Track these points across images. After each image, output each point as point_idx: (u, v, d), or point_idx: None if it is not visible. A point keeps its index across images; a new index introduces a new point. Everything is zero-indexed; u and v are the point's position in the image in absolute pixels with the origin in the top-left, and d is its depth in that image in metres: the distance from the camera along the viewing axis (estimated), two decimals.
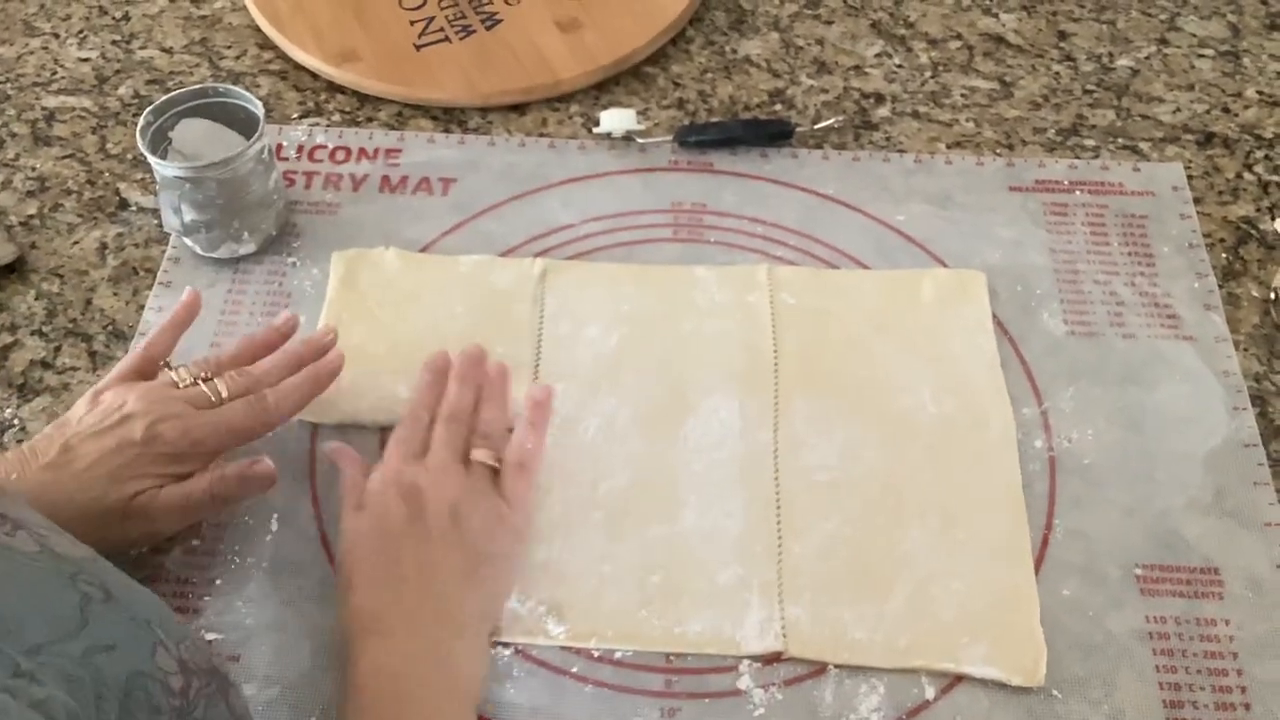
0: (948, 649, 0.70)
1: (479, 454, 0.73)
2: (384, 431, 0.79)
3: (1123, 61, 1.02)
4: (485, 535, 0.70)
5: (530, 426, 0.76)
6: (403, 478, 0.70)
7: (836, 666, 0.70)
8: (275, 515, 0.75)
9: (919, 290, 0.86)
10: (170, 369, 0.74)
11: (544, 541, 0.74)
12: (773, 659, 0.70)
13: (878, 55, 1.03)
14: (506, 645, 0.70)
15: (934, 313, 0.85)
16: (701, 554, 0.74)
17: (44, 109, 0.98)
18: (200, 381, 0.73)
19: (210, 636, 0.70)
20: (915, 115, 0.98)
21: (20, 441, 0.76)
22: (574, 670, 0.70)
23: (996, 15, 1.06)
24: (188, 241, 0.87)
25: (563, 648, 0.70)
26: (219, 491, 0.71)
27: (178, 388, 0.72)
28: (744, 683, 0.69)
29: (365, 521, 0.69)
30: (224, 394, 0.72)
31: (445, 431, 0.73)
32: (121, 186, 0.93)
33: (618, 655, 0.70)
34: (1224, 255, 0.89)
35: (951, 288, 0.86)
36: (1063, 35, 1.04)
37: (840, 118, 0.96)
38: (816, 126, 0.96)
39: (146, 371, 0.74)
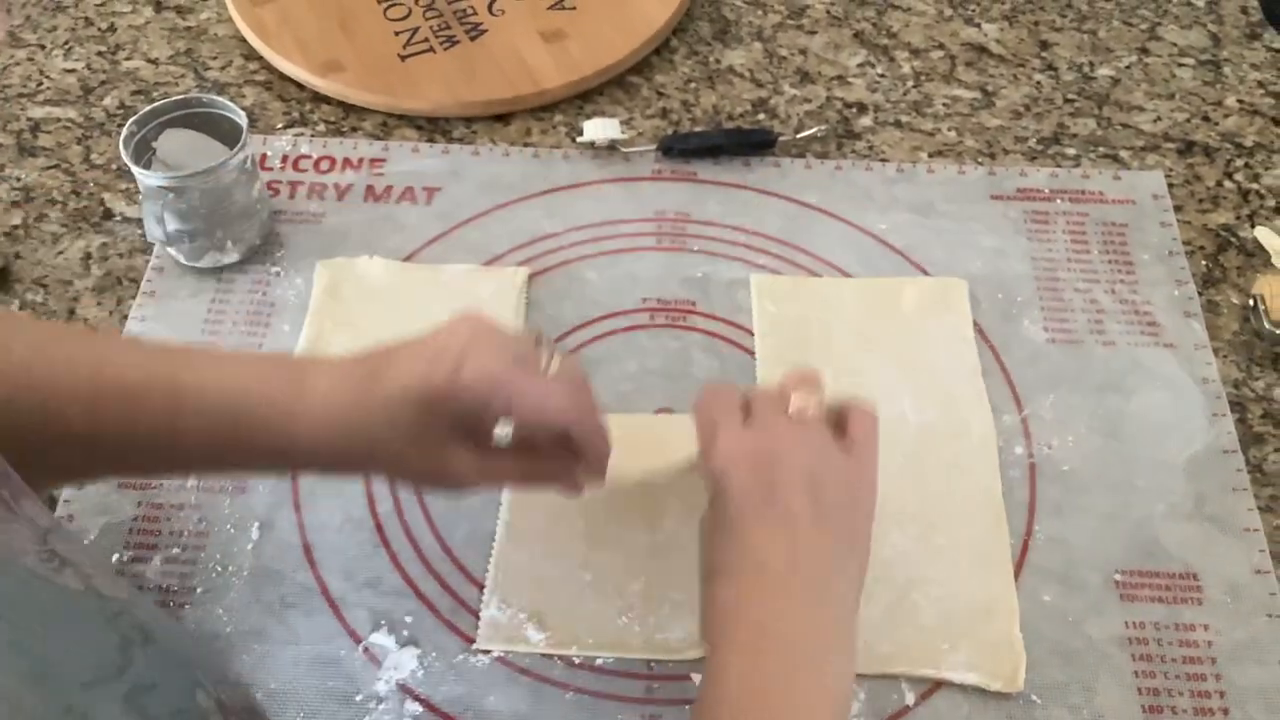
0: (928, 655, 0.70)
1: (802, 401, 0.63)
2: None
3: (1104, 71, 1.03)
4: (847, 497, 0.62)
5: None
6: (740, 448, 0.61)
7: None
8: (257, 523, 0.75)
9: (900, 298, 0.86)
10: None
11: (525, 548, 0.74)
12: None
13: (860, 65, 1.03)
14: (486, 652, 0.70)
15: (915, 321, 0.85)
16: (682, 561, 0.73)
17: (29, 119, 0.99)
18: (540, 341, 0.65)
19: None
20: (898, 124, 0.98)
21: None
22: (554, 677, 0.70)
23: (979, 25, 1.07)
24: (171, 251, 0.87)
25: (543, 655, 0.70)
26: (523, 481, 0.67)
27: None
28: None
29: (709, 515, 0.62)
30: (554, 366, 0.64)
31: (763, 398, 0.64)
32: (106, 197, 0.93)
33: (598, 662, 0.70)
34: (1204, 263, 0.89)
35: (933, 296, 0.86)
36: (1044, 45, 1.05)
37: (823, 127, 0.97)
38: (799, 136, 0.96)
39: None
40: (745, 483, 0.60)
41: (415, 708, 0.68)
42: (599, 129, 0.94)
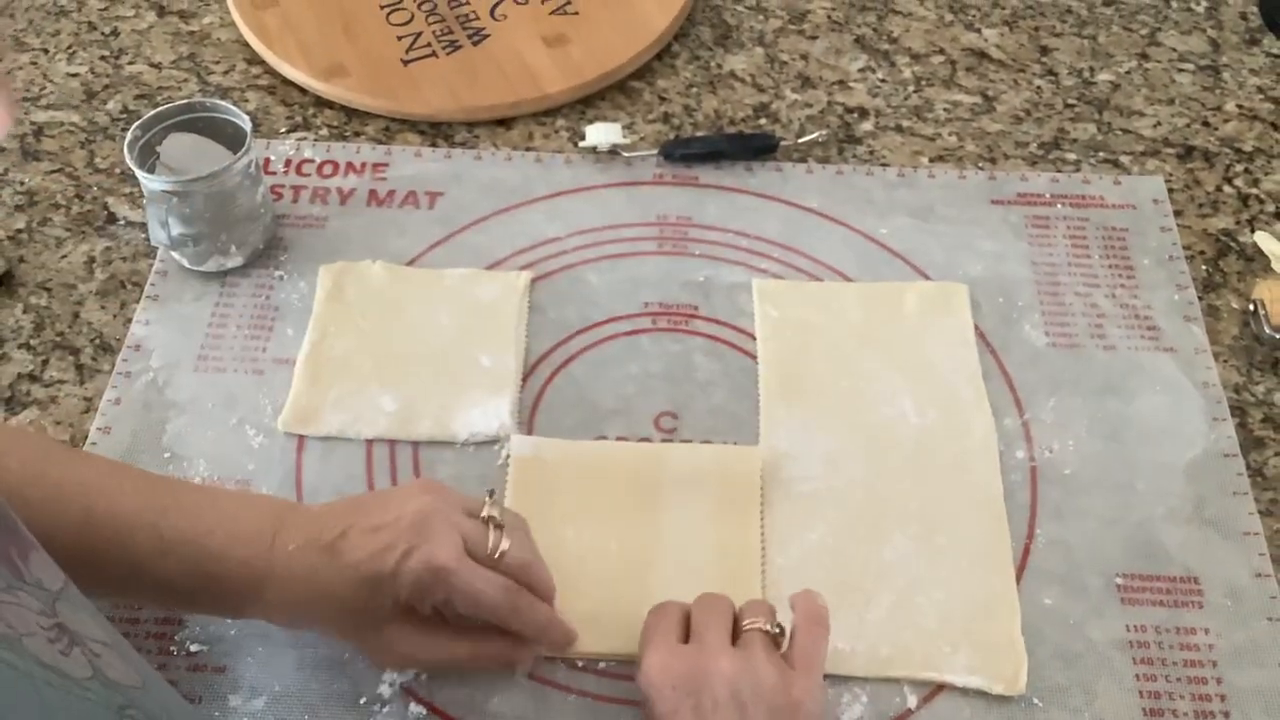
0: (929, 658, 0.70)
1: (754, 624, 0.64)
2: (369, 445, 0.79)
3: (1104, 76, 1.03)
4: (777, 710, 0.60)
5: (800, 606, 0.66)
6: (670, 671, 0.62)
7: None
8: None
9: (902, 302, 0.86)
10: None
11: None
12: None
13: (861, 70, 1.04)
14: None
15: (916, 324, 0.85)
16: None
17: (33, 124, 0.99)
18: (491, 524, 0.66)
19: (195, 648, 0.70)
20: (898, 129, 0.99)
21: None
22: (557, 680, 0.70)
23: (979, 30, 1.07)
24: (175, 255, 0.87)
25: (546, 657, 0.71)
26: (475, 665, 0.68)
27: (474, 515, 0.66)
28: None
29: None
30: (503, 550, 0.65)
31: (708, 614, 0.65)
32: (109, 200, 0.94)
33: (601, 664, 0.71)
34: (1204, 267, 0.90)
35: (934, 300, 0.87)
36: (1044, 50, 1.05)
37: (824, 132, 0.97)
38: (800, 141, 0.97)
39: None
40: (669, 703, 0.61)
41: (419, 710, 0.68)
42: (601, 134, 0.95)
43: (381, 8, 1.05)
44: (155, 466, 0.77)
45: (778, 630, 0.64)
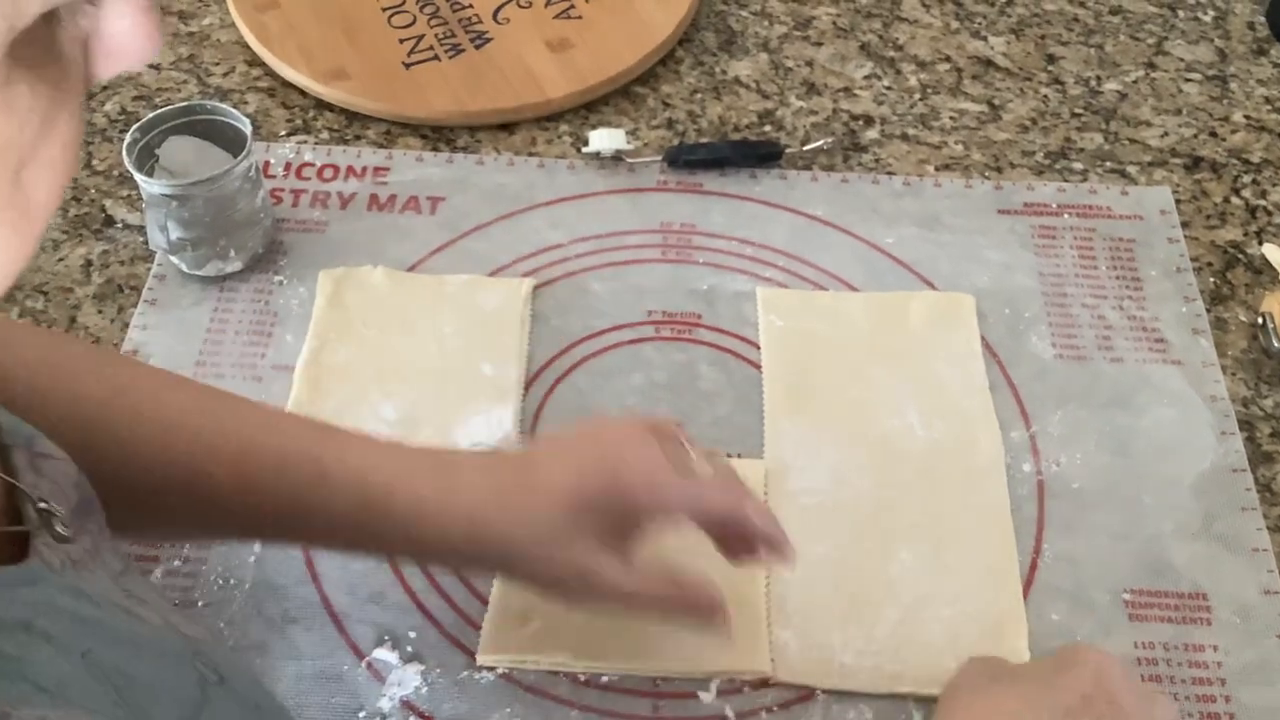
0: (936, 674, 0.69)
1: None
2: None
3: (1110, 85, 1.02)
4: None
5: None
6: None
7: (824, 691, 0.69)
8: None
9: (908, 313, 0.86)
10: None
11: None
12: (760, 684, 0.69)
13: (867, 77, 1.03)
14: (491, 669, 0.70)
15: (923, 335, 0.85)
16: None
17: None
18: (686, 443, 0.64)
19: None
20: (904, 137, 0.98)
21: None
22: (560, 694, 0.69)
23: (985, 39, 1.06)
24: (173, 259, 0.86)
25: (548, 671, 0.70)
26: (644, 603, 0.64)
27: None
28: (731, 707, 0.69)
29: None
30: (700, 467, 0.63)
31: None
32: (107, 203, 0.93)
33: (604, 679, 0.70)
34: (1212, 279, 0.89)
35: (940, 310, 0.86)
36: (1051, 59, 1.05)
37: (829, 139, 0.96)
38: (806, 148, 0.96)
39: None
40: None
41: None
42: (604, 140, 0.94)
43: (383, 10, 1.04)
44: None
45: None
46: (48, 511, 0.44)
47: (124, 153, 0.82)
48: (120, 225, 0.91)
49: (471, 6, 1.04)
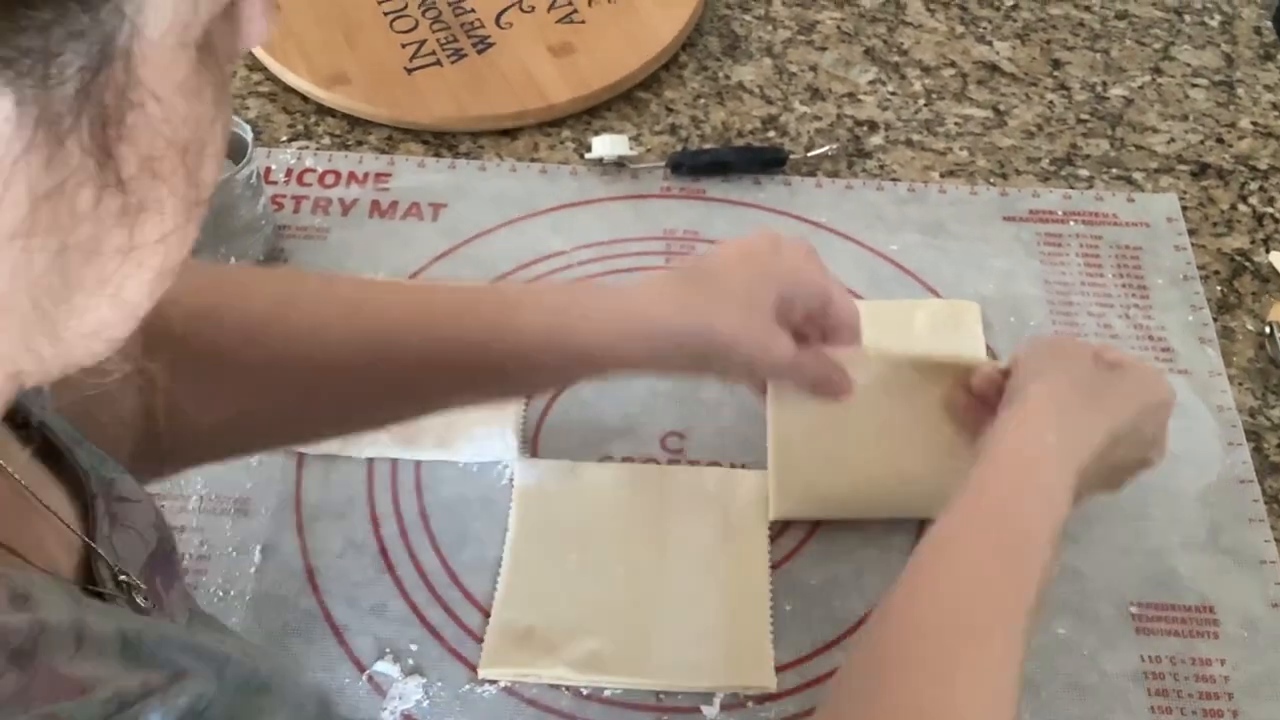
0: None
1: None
2: (370, 462, 0.78)
3: (1117, 91, 1.02)
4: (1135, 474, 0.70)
5: None
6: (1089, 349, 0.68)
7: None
8: (259, 547, 0.74)
9: (912, 321, 0.85)
10: None
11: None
12: (763, 698, 0.69)
13: (871, 82, 1.02)
14: (493, 682, 0.69)
15: (927, 344, 0.84)
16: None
17: None
18: None
19: None
20: (909, 143, 0.97)
21: None
22: (562, 708, 0.69)
23: (990, 43, 1.06)
24: None
25: (550, 685, 0.69)
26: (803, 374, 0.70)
27: None
28: None
29: (1123, 371, 0.67)
30: None
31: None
32: None
33: (606, 693, 0.69)
34: (1218, 288, 0.88)
35: (944, 318, 0.85)
36: (1056, 64, 1.04)
37: (834, 145, 0.96)
38: (810, 154, 0.95)
39: None
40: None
41: None
42: (607, 145, 0.93)
43: (385, 14, 1.03)
44: (152, 484, 0.76)
45: None
46: (128, 583, 0.45)
47: None
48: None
49: (473, 11, 1.04)
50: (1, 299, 0.32)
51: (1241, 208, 0.94)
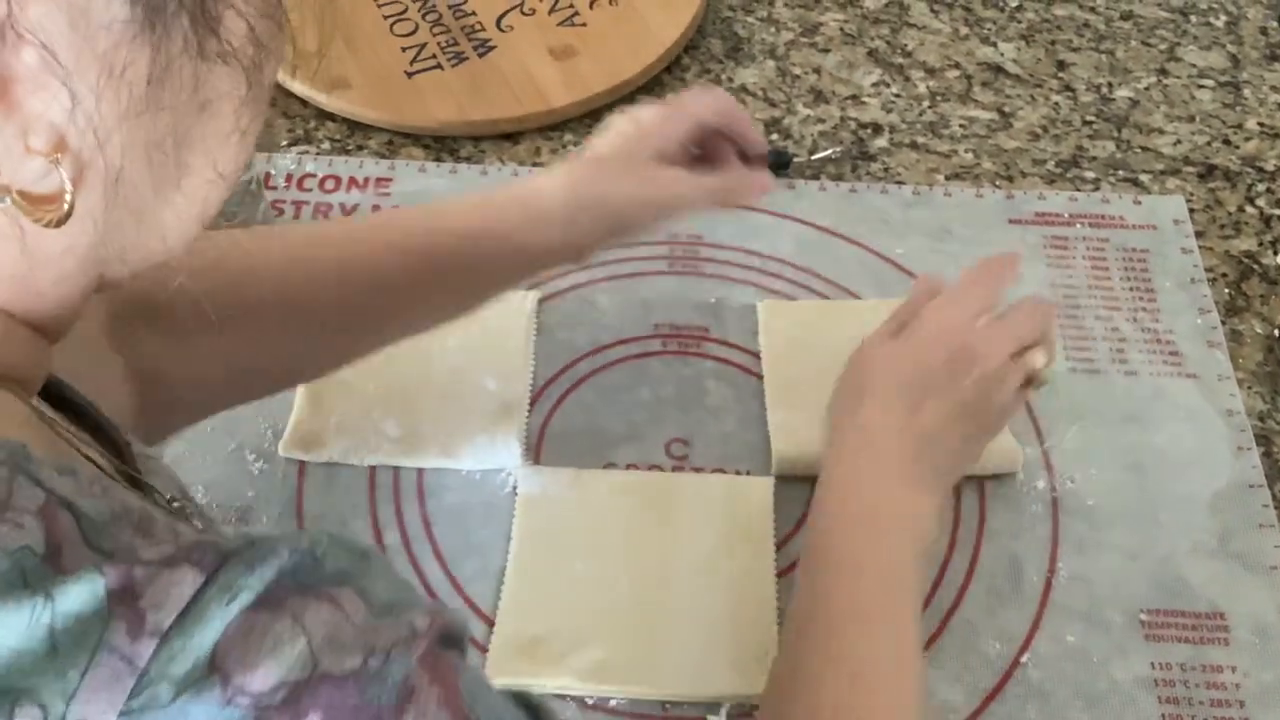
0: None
1: (1037, 357, 0.68)
2: (372, 470, 0.77)
3: (1122, 92, 1.01)
4: (998, 424, 0.68)
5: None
6: (958, 338, 0.67)
7: None
8: None
9: None
10: None
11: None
12: None
13: (875, 84, 1.01)
14: None
15: None
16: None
17: None
18: None
19: None
20: (913, 146, 0.97)
21: None
22: (567, 718, 0.68)
23: (995, 45, 1.05)
24: None
25: (555, 694, 0.69)
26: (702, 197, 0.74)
27: None
28: None
29: (903, 349, 0.67)
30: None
31: (1020, 315, 0.69)
32: None
33: (612, 702, 0.69)
34: (1227, 290, 0.88)
35: None
36: (1062, 65, 1.03)
37: (838, 148, 0.95)
38: (814, 157, 0.95)
39: None
40: (935, 351, 0.67)
41: None
42: None
43: (385, 18, 1.03)
44: None
45: (1041, 373, 0.69)
46: (181, 508, 0.48)
47: None
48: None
49: (474, 14, 1.03)
50: (120, 173, 0.38)
51: (1249, 209, 0.93)
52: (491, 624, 0.71)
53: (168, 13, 0.36)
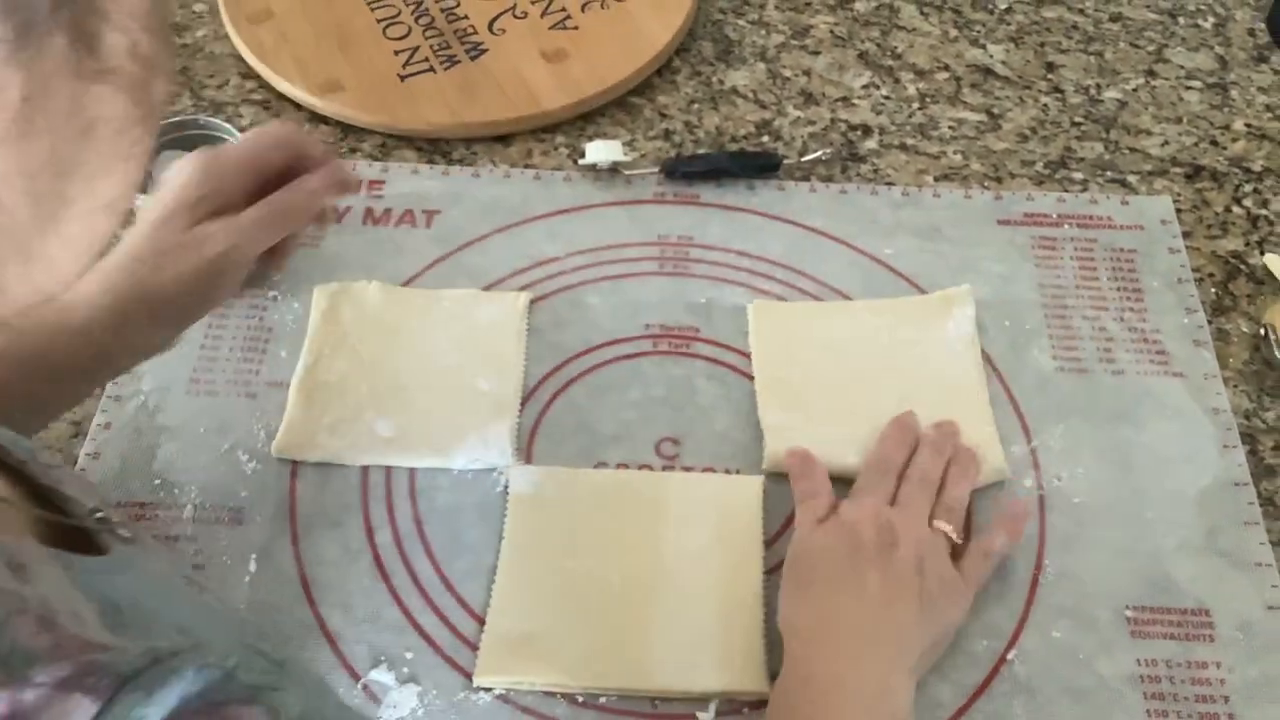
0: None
1: (943, 525, 0.72)
2: (365, 470, 0.78)
3: (1110, 93, 1.02)
4: (941, 596, 0.69)
5: (1005, 527, 0.74)
6: (880, 516, 0.70)
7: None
8: (254, 556, 0.74)
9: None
10: None
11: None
12: (760, 704, 0.69)
13: (865, 86, 1.02)
14: (488, 690, 0.69)
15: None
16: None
17: None
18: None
19: None
20: (903, 147, 0.97)
21: None
22: (557, 715, 0.69)
23: (984, 47, 1.06)
24: None
25: (546, 692, 0.69)
26: (265, 217, 0.71)
27: None
28: None
29: (834, 538, 0.70)
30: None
31: (917, 491, 0.73)
32: None
33: (601, 699, 0.69)
34: (1213, 290, 0.88)
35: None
36: (1050, 67, 1.04)
37: (827, 150, 0.96)
38: (804, 159, 0.95)
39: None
40: (866, 540, 0.70)
41: None
42: (601, 151, 0.93)
43: (378, 21, 1.03)
44: (145, 493, 0.76)
45: (959, 541, 0.72)
46: (104, 518, 0.47)
47: None
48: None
49: (467, 17, 1.04)
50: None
51: (1236, 210, 0.94)
52: (482, 622, 0.71)
53: (40, 31, 0.34)
